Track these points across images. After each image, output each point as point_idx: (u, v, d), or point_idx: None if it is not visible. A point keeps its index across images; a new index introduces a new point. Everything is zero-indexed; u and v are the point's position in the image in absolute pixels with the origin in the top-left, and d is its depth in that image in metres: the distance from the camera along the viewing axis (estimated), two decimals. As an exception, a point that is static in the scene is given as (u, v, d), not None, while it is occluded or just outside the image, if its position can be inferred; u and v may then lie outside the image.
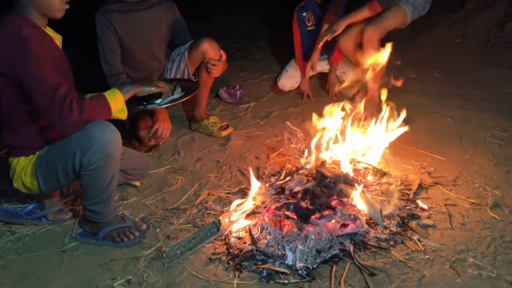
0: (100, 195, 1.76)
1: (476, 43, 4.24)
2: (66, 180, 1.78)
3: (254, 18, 5.58)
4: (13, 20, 1.66)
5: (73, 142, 1.66)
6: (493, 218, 1.78)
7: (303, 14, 3.25)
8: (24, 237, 1.94)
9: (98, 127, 1.64)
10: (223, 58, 2.58)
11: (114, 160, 1.69)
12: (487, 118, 2.65)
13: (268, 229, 1.77)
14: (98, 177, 1.70)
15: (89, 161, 1.64)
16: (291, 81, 3.28)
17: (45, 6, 1.68)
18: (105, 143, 1.63)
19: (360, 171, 2.05)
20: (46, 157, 1.77)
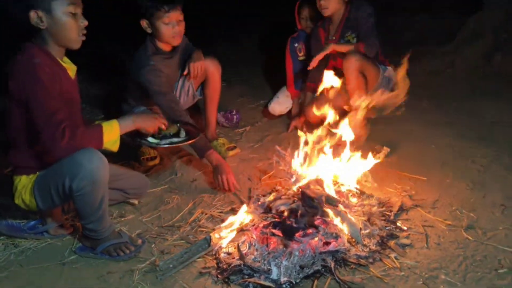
0: (92, 216, 1.89)
1: (465, 73, 4.42)
2: (60, 201, 1.92)
3: (254, 46, 5.79)
4: (29, 49, 1.83)
5: (63, 168, 1.80)
6: (466, 239, 1.90)
7: (295, 44, 3.47)
8: (26, 250, 2.06)
9: (85, 155, 1.77)
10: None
11: (101, 185, 1.82)
12: (469, 145, 2.79)
13: (256, 245, 1.89)
14: (88, 201, 1.83)
15: (77, 186, 1.77)
16: (281, 106, 3.49)
17: (62, 38, 1.85)
18: (91, 170, 1.76)
19: (343, 193, 2.18)
20: (43, 179, 1.91)
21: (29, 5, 1.76)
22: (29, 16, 1.77)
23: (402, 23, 5.71)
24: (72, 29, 1.83)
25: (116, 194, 2.33)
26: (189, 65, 2.80)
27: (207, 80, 2.96)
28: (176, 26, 2.64)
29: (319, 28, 3.21)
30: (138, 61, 2.72)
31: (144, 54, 2.72)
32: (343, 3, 3.00)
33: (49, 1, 1.77)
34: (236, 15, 6.85)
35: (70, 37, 1.85)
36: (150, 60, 2.68)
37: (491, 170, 2.47)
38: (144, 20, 2.64)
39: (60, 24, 1.81)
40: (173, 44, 2.74)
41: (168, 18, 2.60)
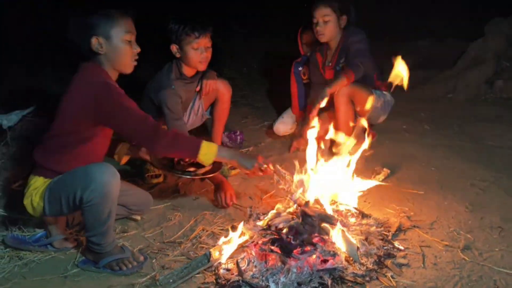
0: (98, 228, 1.94)
1: (466, 98, 4.49)
2: (67, 210, 1.99)
3: (261, 68, 5.92)
4: (99, 71, 2.01)
5: (77, 178, 1.90)
6: (463, 259, 1.93)
7: (299, 68, 3.60)
8: (30, 263, 2.10)
9: (99, 168, 1.88)
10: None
11: (110, 199, 1.89)
12: (469, 168, 2.82)
13: (255, 262, 1.92)
14: (96, 213, 1.90)
15: (87, 198, 1.85)
16: (285, 126, 3.58)
17: (118, 63, 2.04)
18: (102, 183, 1.85)
19: (342, 212, 2.21)
20: (56, 185, 1.99)
21: (92, 32, 1.97)
22: (91, 42, 1.96)
23: (405, 49, 5.81)
24: (127, 54, 2.04)
25: (120, 209, 2.37)
26: (202, 82, 2.93)
27: (217, 100, 3.09)
28: (204, 52, 2.77)
29: (317, 53, 3.31)
30: (159, 81, 2.83)
31: (167, 76, 2.84)
32: (340, 30, 3.10)
33: (109, 28, 1.98)
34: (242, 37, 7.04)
35: (125, 62, 2.05)
36: (172, 84, 2.80)
37: (490, 193, 2.50)
38: (175, 45, 2.77)
39: (117, 50, 2.01)
40: (199, 69, 2.86)
41: (198, 44, 2.73)
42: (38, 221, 2.30)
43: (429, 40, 5.88)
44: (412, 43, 5.86)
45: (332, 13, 3.03)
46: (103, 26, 1.98)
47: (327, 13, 3.02)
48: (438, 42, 5.81)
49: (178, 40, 2.75)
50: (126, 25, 2.03)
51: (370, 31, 3.20)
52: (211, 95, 3.06)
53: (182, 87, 2.86)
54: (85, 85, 1.98)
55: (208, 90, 2.96)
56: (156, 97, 2.77)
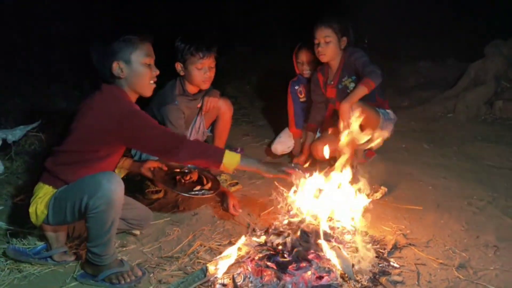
0: (101, 238, 1.97)
1: (466, 119, 4.53)
2: (71, 218, 2.02)
3: (263, 86, 6.00)
4: (121, 95, 2.09)
5: (84, 186, 1.94)
6: (457, 278, 1.94)
7: (296, 87, 3.70)
8: (30, 275, 2.13)
9: (106, 177, 1.93)
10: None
11: (115, 207, 1.93)
12: (466, 188, 2.84)
13: (250, 277, 1.94)
14: (100, 221, 1.93)
15: (93, 204, 1.89)
16: (283, 146, 3.62)
17: (137, 85, 2.12)
18: (109, 191, 1.89)
19: (338, 229, 2.23)
20: (63, 193, 2.04)
21: (113, 57, 2.04)
22: (112, 67, 2.04)
23: (405, 69, 5.90)
24: (146, 77, 2.13)
25: (120, 223, 2.39)
26: (204, 99, 3.01)
27: (218, 118, 3.16)
28: (208, 72, 2.85)
29: (318, 73, 3.37)
30: (163, 98, 2.90)
31: (170, 92, 2.92)
32: (340, 50, 3.17)
33: (129, 53, 2.07)
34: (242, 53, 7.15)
35: (144, 84, 2.14)
36: (175, 99, 2.88)
37: (487, 212, 2.52)
38: (179, 63, 2.86)
39: (137, 73, 2.10)
40: (202, 88, 2.94)
41: (202, 64, 2.82)
42: (39, 234, 2.34)
43: (429, 61, 5.95)
44: (412, 64, 5.94)
45: (333, 34, 3.10)
46: (124, 51, 2.05)
47: (328, 34, 3.10)
48: (438, 63, 5.89)
49: (183, 59, 2.83)
50: (145, 49, 2.10)
51: (370, 51, 3.27)
52: (213, 113, 3.12)
53: (185, 104, 2.93)
54: (110, 107, 2.02)
55: (209, 107, 3.02)
56: (159, 112, 2.84)
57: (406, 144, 3.78)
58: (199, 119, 3.08)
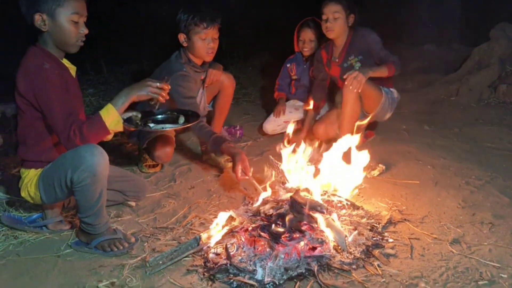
0: (91, 209, 1.98)
1: (469, 102, 4.48)
2: (62, 194, 2.02)
3: (264, 67, 5.96)
4: (37, 53, 1.98)
5: (67, 161, 1.93)
6: (451, 252, 1.93)
7: (288, 65, 3.82)
8: (25, 242, 2.14)
9: (88, 149, 1.90)
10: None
11: (100, 179, 1.92)
12: (465, 168, 2.82)
13: (244, 247, 1.94)
14: (87, 194, 1.93)
15: (78, 178, 1.88)
16: (272, 125, 3.65)
17: (61, 42, 2.01)
18: (92, 164, 1.87)
19: (333, 203, 2.23)
20: (47, 173, 2.02)
21: (37, 8, 1.93)
22: (34, 18, 1.94)
23: (409, 53, 5.82)
24: (71, 35, 1.99)
25: (116, 195, 2.42)
26: (208, 70, 2.98)
27: (220, 93, 3.14)
28: (211, 43, 2.81)
29: (322, 51, 3.34)
30: (169, 67, 2.86)
31: (177, 62, 2.87)
32: (347, 28, 3.13)
33: (55, 7, 1.94)
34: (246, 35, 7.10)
35: (68, 42, 2.01)
36: (183, 67, 2.84)
37: (484, 191, 2.50)
38: (183, 34, 2.82)
39: (61, 29, 1.97)
40: (206, 60, 2.90)
41: (206, 34, 2.77)
42: (35, 204, 2.34)
43: (434, 45, 5.88)
44: (416, 47, 5.87)
45: (342, 11, 3.06)
46: (49, 4, 1.92)
47: (337, 9, 3.06)
48: (443, 47, 5.82)
49: (187, 30, 2.79)
50: (74, 5, 1.96)
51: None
52: (215, 86, 3.10)
53: (192, 74, 2.89)
54: (22, 70, 1.95)
55: (212, 79, 3.00)
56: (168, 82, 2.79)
57: (406, 125, 3.76)
58: (201, 93, 3.06)
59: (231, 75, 3.15)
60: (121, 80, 5.59)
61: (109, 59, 6.19)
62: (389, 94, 3.08)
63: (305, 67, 3.73)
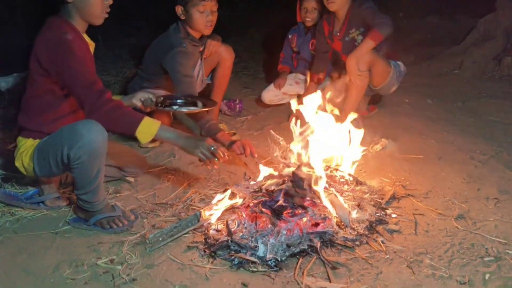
0: (88, 186, 1.92)
1: (473, 75, 4.40)
2: (57, 170, 1.95)
3: (264, 41, 5.84)
4: (59, 24, 1.91)
5: (63, 136, 1.86)
6: (456, 228, 1.90)
7: (289, 36, 3.71)
8: (22, 219, 2.10)
9: (86, 125, 1.82)
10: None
11: (98, 156, 1.85)
12: (469, 142, 2.77)
13: (245, 223, 1.91)
14: (84, 171, 1.87)
15: (75, 155, 1.81)
16: (270, 94, 3.58)
17: (87, 13, 1.94)
18: (89, 141, 1.80)
19: (336, 178, 2.19)
20: (43, 145, 1.96)
21: None
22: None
23: (411, 25, 5.70)
24: (97, 6, 1.93)
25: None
26: (207, 41, 2.89)
27: (219, 65, 3.05)
28: (210, 15, 2.71)
29: (324, 22, 3.23)
30: (168, 42, 2.77)
31: (175, 36, 2.78)
32: (349, 0, 3.01)
33: None
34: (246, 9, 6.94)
35: (94, 13, 1.94)
36: (182, 43, 2.74)
37: (489, 166, 2.46)
38: (180, 6, 2.72)
39: (88, 0, 1.90)
40: (204, 33, 2.80)
41: (204, 6, 2.68)
42: (31, 179, 2.30)
43: (437, 16, 5.75)
44: (419, 19, 5.74)
45: None
46: None
47: None
48: (447, 19, 5.68)
49: (184, 2, 2.69)
50: None
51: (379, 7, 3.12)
52: (213, 59, 3.01)
53: (191, 48, 2.80)
54: (43, 41, 1.89)
55: (211, 50, 2.92)
56: (166, 57, 2.70)
57: (409, 98, 3.69)
58: (199, 66, 2.97)
59: (230, 47, 3.06)
60: (117, 54, 5.47)
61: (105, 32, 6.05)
62: (396, 68, 3.00)
63: (306, 38, 3.61)
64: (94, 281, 1.67)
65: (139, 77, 3.01)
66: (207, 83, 3.16)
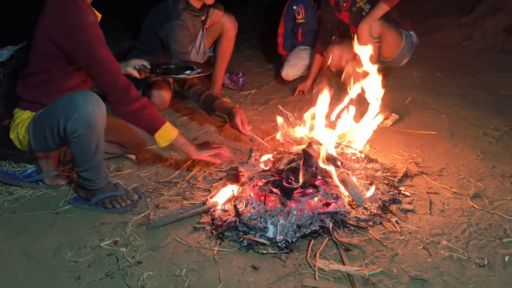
0: (88, 163, 1.83)
1: (482, 47, 4.25)
2: (53, 144, 1.86)
3: (266, 11, 5.64)
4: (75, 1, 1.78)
5: (59, 108, 1.76)
6: (472, 207, 1.83)
7: (294, 7, 3.45)
8: (21, 198, 2.03)
9: (82, 96, 1.74)
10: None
11: (96, 129, 1.76)
12: (482, 117, 2.68)
13: (253, 203, 1.83)
14: (83, 145, 1.77)
15: (71, 128, 1.72)
16: (293, 69, 3.39)
17: None
18: (86, 112, 1.71)
19: (347, 155, 2.10)
20: (39, 118, 1.86)
21: None
22: None
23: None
24: None
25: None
26: (209, 10, 2.77)
27: (221, 36, 2.92)
28: None
29: None
30: (165, 13, 2.64)
31: (174, 7, 2.65)
32: None
33: None
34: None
35: None
36: (180, 15, 2.61)
37: (503, 142, 2.37)
38: None
39: None
40: (207, 2, 2.66)
41: None
42: (29, 157, 2.21)
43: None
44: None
45: None
46: None
47: None
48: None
49: None
50: None
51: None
52: (215, 30, 2.88)
53: (190, 20, 2.67)
54: (60, 22, 1.76)
55: (213, 20, 2.78)
56: (162, 29, 2.58)
57: (418, 72, 3.55)
58: (200, 37, 2.84)
59: (233, 17, 2.92)
60: (113, 25, 5.29)
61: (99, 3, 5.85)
62: (408, 38, 2.87)
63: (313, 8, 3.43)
64: (98, 264, 1.60)
65: (136, 49, 2.88)
66: (209, 55, 3.03)
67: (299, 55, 3.38)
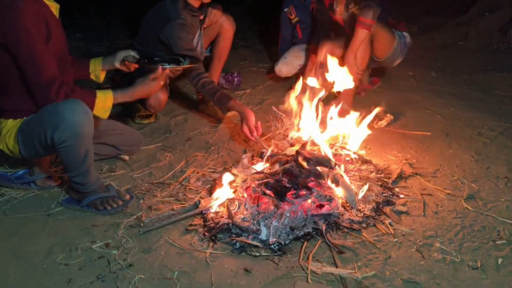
0: (78, 169, 1.81)
1: (478, 47, 4.26)
2: (43, 151, 1.83)
3: (262, 10, 5.62)
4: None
5: (46, 117, 1.72)
6: (466, 209, 1.82)
7: (285, 9, 3.43)
8: (12, 200, 2.01)
9: (68, 106, 1.69)
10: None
11: (84, 139, 1.73)
12: (476, 117, 2.67)
13: (246, 205, 1.82)
14: (72, 154, 1.75)
15: (59, 138, 1.69)
16: (288, 67, 3.36)
17: None
18: (74, 124, 1.67)
19: (341, 156, 2.09)
20: (27, 126, 1.82)
21: None
22: None
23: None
24: None
25: (108, 149, 2.27)
26: (208, 10, 2.76)
27: (219, 36, 2.91)
28: None
29: None
30: (165, 13, 2.61)
31: (173, 7, 2.61)
32: None
33: None
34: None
35: None
36: (181, 14, 2.59)
37: (498, 143, 2.37)
38: None
39: None
40: (205, 1, 2.64)
41: None
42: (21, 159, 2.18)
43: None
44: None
45: None
46: None
47: None
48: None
49: None
50: None
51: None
52: (213, 30, 2.87)
53: (189, 20, 2.65)
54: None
55: (212, 19, 2.77)
56: (163, 29, 2.55)
57: (413, 71, 3.55)
58: (197, 37, 2.81)
59: (231, 17, 2.91)
60: (112, 24, 5.27)
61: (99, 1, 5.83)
62: (401, 39, 2.86)
63: (304, 4, 3.38)
64: (89, 267, 1.59)
65: (134, 49, 2.85)
66: (205, 55, 3.01)
67: (296, 54, 3.36)
